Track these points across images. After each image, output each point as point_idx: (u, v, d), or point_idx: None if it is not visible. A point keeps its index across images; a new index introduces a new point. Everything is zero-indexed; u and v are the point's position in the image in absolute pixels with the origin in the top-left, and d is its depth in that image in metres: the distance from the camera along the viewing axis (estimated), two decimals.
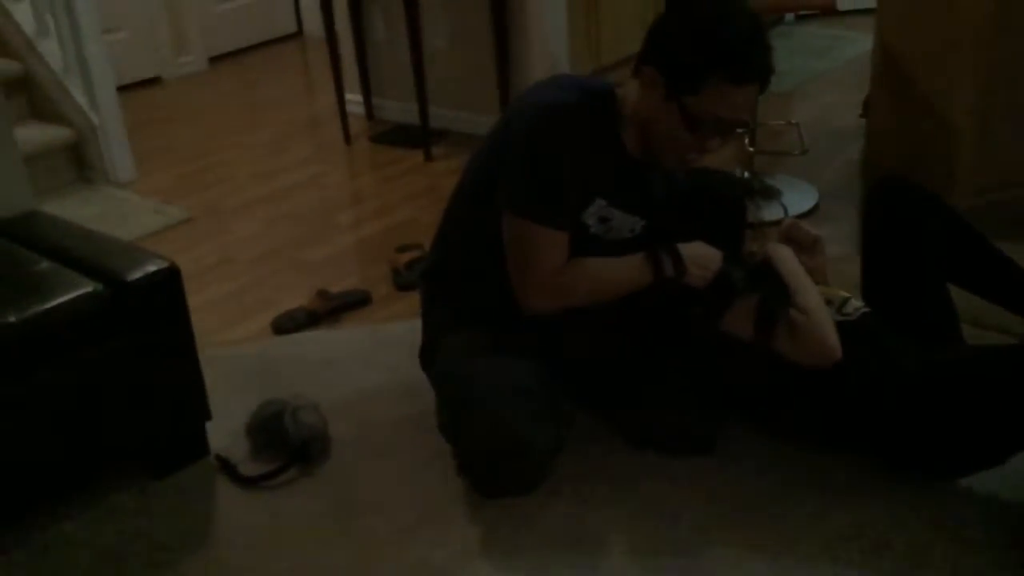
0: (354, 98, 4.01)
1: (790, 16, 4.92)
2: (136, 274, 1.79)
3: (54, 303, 1.70)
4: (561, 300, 1.75)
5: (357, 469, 1.92)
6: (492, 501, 1.78)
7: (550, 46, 3.59)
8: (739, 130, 1.85)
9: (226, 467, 1.91)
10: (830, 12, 3.12)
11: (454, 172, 3.37)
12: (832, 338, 1.70)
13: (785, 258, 1.81)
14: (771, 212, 2.97)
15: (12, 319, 1.64)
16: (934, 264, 1.91)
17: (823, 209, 2.96)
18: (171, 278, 1.83)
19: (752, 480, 1.80)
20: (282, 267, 2.87)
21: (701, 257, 1.76)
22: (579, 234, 1.76)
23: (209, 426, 1.97)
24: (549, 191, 1.68)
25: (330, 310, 2.53)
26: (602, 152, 1.73)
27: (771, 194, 3.04)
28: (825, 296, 1.82)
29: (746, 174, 3.06)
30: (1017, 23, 2.44)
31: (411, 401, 2.05)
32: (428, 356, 1.99)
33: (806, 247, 1.90)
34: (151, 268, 1.81)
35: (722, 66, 1.62)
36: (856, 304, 1.84)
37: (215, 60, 5.17)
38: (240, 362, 2.32)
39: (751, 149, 3.05)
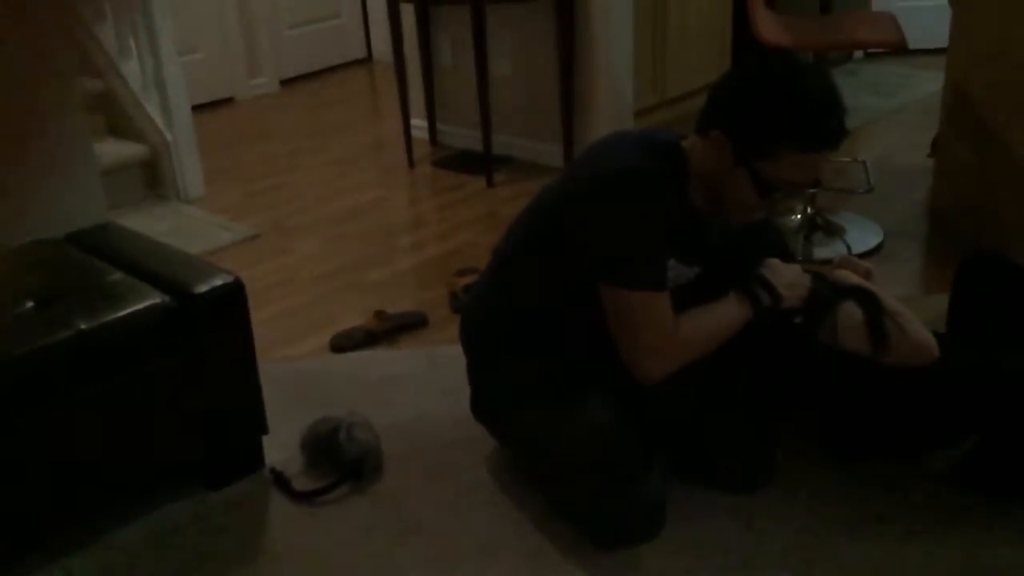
0: (419, 123, 4.07)
1: (859, 53, 4.88)
2: (202, 287, 1.83)
3: (124, 313, 1.76)
4: (679, 360, 1.72)
5: (408, 489, 1.93)
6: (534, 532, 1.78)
7: (615, 78, 3.61)
8: (806, 188, 1.88)
9: (280, 481, 1.94)
10: (901, 50, 3.09)
11: (515, 198, 3.41)
12: (928, 336, 1.73)
13: (851, 274, 1.84)
14: (834, 249, 2.94)
15: (83, 327, 1.70)
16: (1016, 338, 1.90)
17: (887, 248, 2.91)
18: (236, 292, 1.88)
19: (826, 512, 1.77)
20: (343, 286, 2.91)
21: (786, 277, 1.77)
22: None
23: (265, 440, 2.00)
24: (647, 256, 1.66)
25: (388, 331, 2.56)
26: (677, 210, 1.71)
27: (833, 231, 3.00)
28: None
29: (809, 210, 3.03)
30: None
31: (464, 425, 2.06)
32: (492, 407, 1.94)
33: (858, 275, 1.89)
34: (217, 282, 1.86)
35: (796, 136, 1.59)
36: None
37: (286, 83, 5.30)
38: (298, 378, 2.36)
39: (815, 190, 3.01)
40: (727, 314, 1.74)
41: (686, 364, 1.72)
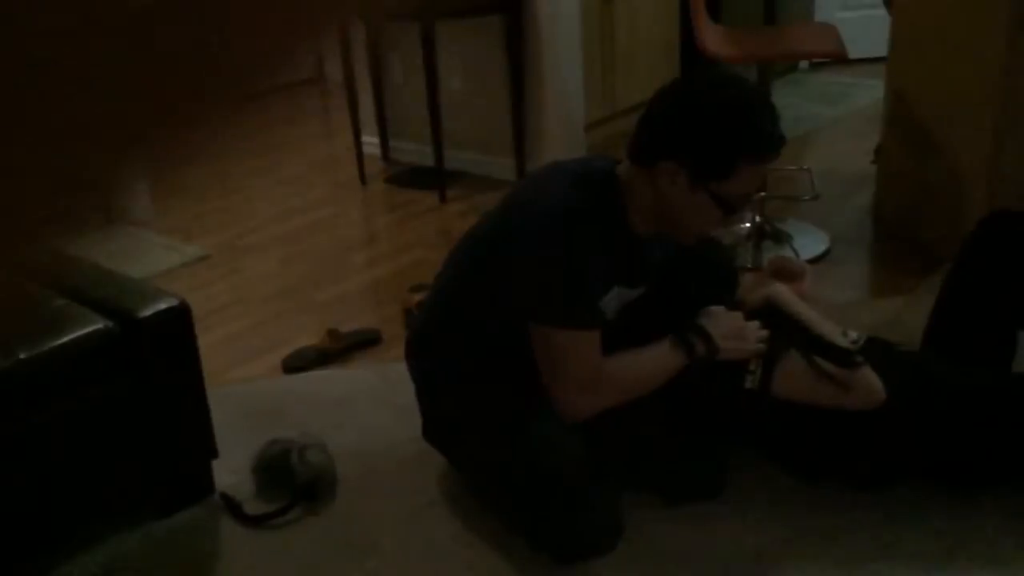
0: (371, 140, 4.06)
1: (804, 63, 4.96)
2: (146, 311, 1.81)
3: (65, 340, 1.72)
4: (605, 401, 1.72)
5: (362, 510, 1.92)
6: (479, 546, 1.77)
7: (565, 91, 3.63)
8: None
9: (231, 506, 1.91)
10: (842, 60, 3.15)
11: (468, 213, 3.41)
12: (876, 380, 1.72)
13: (788, 300, 1.82)
14: (786, 256, 2.98)
15: (23, 355, 1.66)
16: (1017, 308, 1.91)
17: (834, 253, 2.96)
18: (181, 316, 1.85)
19: (769, 529, 1.79)
20: (295, 306, 2.89)
21: (726, 328, 1.74)
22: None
23: (215, 464, 1.97)
24: (575, 297, 1.66)
25: (341, 349, 2.55)
26: (615, 242, 1.70)
27: (781, 238, 3.05)
28: (824, 329, 1.84)
29: (757, 218, 3.07)
30: None
31: (419, 443, 2.05)
32: (442, 431, 1.93)
33: (796, 278, 1.91)
34: (162, 306, 1.84)
35: (750, 148, 1.64)
36: (853, 333, 1.87)
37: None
38: (249, 400, 2.33)
39: (762, 194, 3.06)
40: (659, 360, 1.73)
41: (613, 405, 1.71)
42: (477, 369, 1.81)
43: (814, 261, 2.91)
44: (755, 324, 1.76)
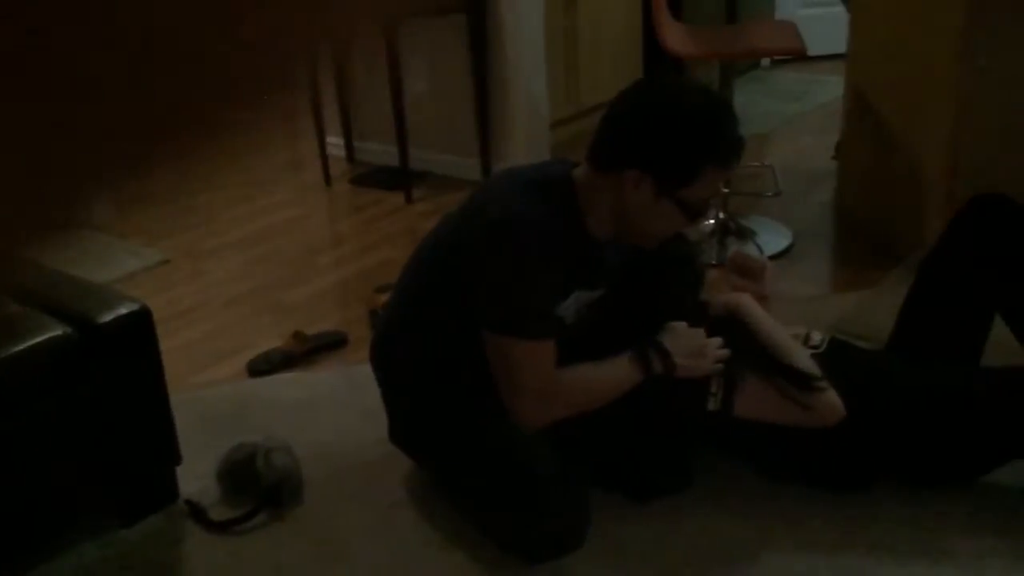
0: (335, 141, 4.04)
1: (766, 61, 5.01)
2: (106, 317, 1.78)
3: (22, 347, 1.69)
4: (558, 412, 1.72)
5: (329, 513, 1.90)
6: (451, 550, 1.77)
7: (529, 90, 3.63)
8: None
9: (196, 512, 1.89)
10: (802, 57, 3.18)
11: (434, 213, 3.40)
12: (836, 399, 1.72)
13: (750, 312, 1.81)
14: (746, 252, 3.00)
15: None
16: (996, 289, 1.92)
17: (797, 249, 2.98)
18: (142, 320, 1.82)
19: (729, 524, 1.80)
20: (259, 309, 2.86)
21: (686, 346, 1.74)
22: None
23: (179, 470, 1.95)
24: (532, 306, 1.65)
25: (306, 352, 2.53)
26: (572, 248, 1.69)
27: (745, 234, 3.07)
28: (792, 332, 1.85)
29: (721, 215, 3.09)
30: (982, 68, 2.49)
31: (385, 444, 2.04)
32: (408, 433, 1.93)
33: (756, 275, 1.93)
34: (122, 311, 1.81)
35: (715, 154, 1.65)
36: (816, 335, 1.88)
37: None
38: (213, 405, 2.30)
39: (726, 190, 3.08)
40: (614, 375, 1.72)
41: (567, 416, 1.71)
42: (440, 370, 1.80)
43: (777, 257, 2.94)
44: (716, 342, 1.75)
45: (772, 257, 2.94)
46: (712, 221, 3.09)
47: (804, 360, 1.78)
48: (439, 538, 1.80)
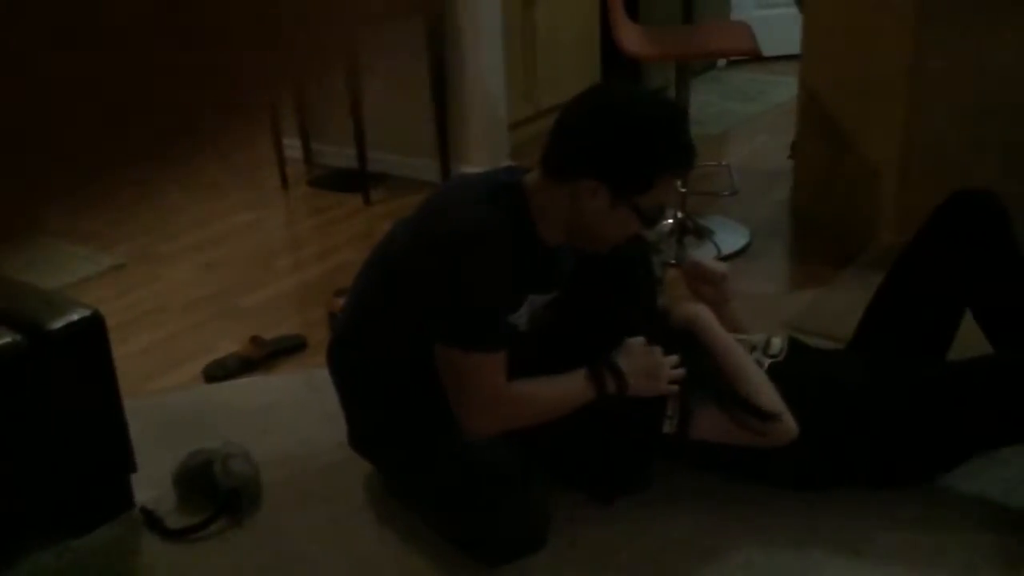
0: (292, 143, 4.00)
1: (722, 61, 5.06)
2: (57, 323, 1.75)
3: None
4: (505, 425, 1.71)
5: (288, 519, 1.88)
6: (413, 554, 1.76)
7: (487, 92, 3.63)
8: None
9: (152, 520, 1.86)
10: (757, 57, 3.21)
11: (393, 215, 3.37)
12: (791, 422, 1.72)
13: (707, 328, 1.80)
14: (704, 252, 3.03)
15: None
16: (968, 286, 1.92)
17: (754, 247, 3.02)
18: (94, 326, 1.79)
19: (689, 521, 1.81)
20: (216, 314, 2.83)
21: (641, 364, 1.73)
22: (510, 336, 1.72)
23: (135, 478, 1.92)
24: (481, 318, 1.64)
25: (264, 356, 2.50)
26: (523, 256, 1.68)
27: (703, 233, 3.10)
28: (749, 343, 1.86)
29: (679, 215, 3.11)
30: (933, 68, 2.54)
31: (345, 449, 2.02)
32: (367, 438, 1.91)
33: (715, 282, 1.94)
34: (73, 317, 1.78)
35: (673, 164, 1.68)
36: (776, 341, 1.88)
37: None
38: (169, 411, 2.27)
39: (683, 190, 3.10)
40: (566, 392, 1.71)
41: (518, 427, 1.71)
42: (397, 374, 1.79)
43: (735, 255, 2.97)
44: (672, 361, 1.75)
45: (730, 256, 2.97)
46: (670, 221, 3.11)
47: (759, 385, 1.75)
48: (399, 543, 1.79)
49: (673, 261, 2.95)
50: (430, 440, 1.75)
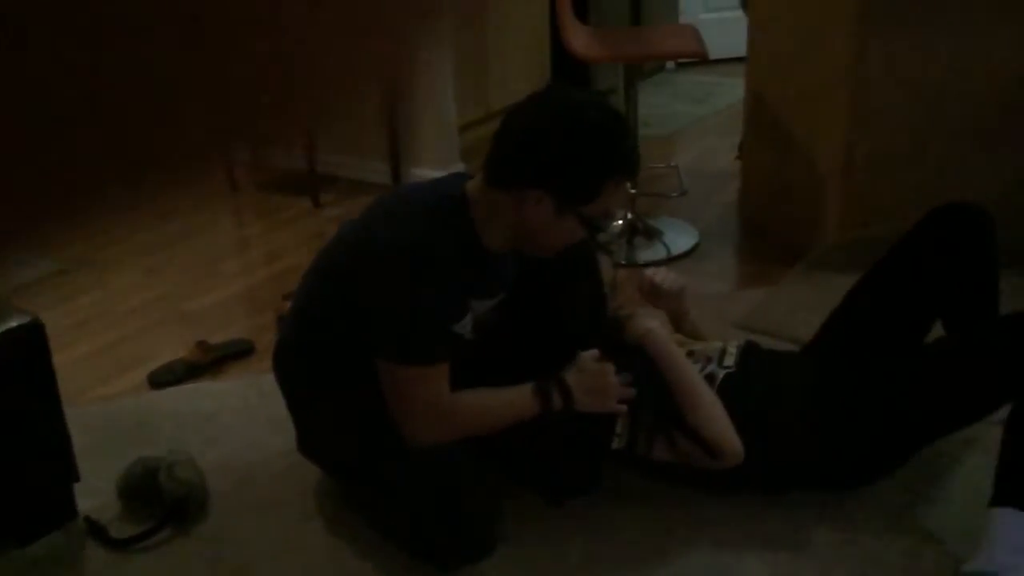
0: (239, 145, 3.94)
1: (671, 64, 5.11)
2: None
3: None
4: (446, 436, 1.70)
5: (236, 527, 1.86)
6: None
7: (436, 93, 3.62)
8: None
9: (96, 530, 1.82)
10: (704, 60, 3.25)
11: (343, 218, 3.35)
12: (738, 446, 1.71)
13: (659, 349, 1.79)
14: (654, 252, 3.05)
15: None
16: (946, 299, 1.89)
17: (702, 248, 3.05)
18: (33, 333, 1.75)
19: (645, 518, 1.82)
20: (162, 319, 2.78)
21: (590, 382, 1.73)
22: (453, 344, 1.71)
23: (78, 487, 1.88)
24: (421, 332, 1.63)
25: (211, 361, 2.46)
26: (465, 266, 1.67)
27: (652, 234, 3.12)
28: (705, 354, 1.86)
29: (629, 216, 3.13)
30: (875, 71, 2.58)
31: (294, 455, 2.00)
32: (316, 443, 1.90)
33: (672, 296, 1.95)
34: (11, 323, 1.73)
35: (617, 172, 1.66)
36: (732, 351, 1.87)
37: None
38: (113, 419, 2.23)
39: (633, 191, 3.13)
40: (512, 405, 1.71)
41: (461, 438, 1.70)
42: (342, 380, 1.77)
43: (684, 256, 3.00)
44: (623, 379, 1.74)
45: (679, 257, 3.00)
46: (620, 222, 3.13)
47: (708, 411, 1.73)
48: (349, 549, 1.77)
49: (623, 262, 2.98)
50: (377, 445, 1.74)
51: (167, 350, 2.54)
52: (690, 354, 1.85)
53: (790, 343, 2.38)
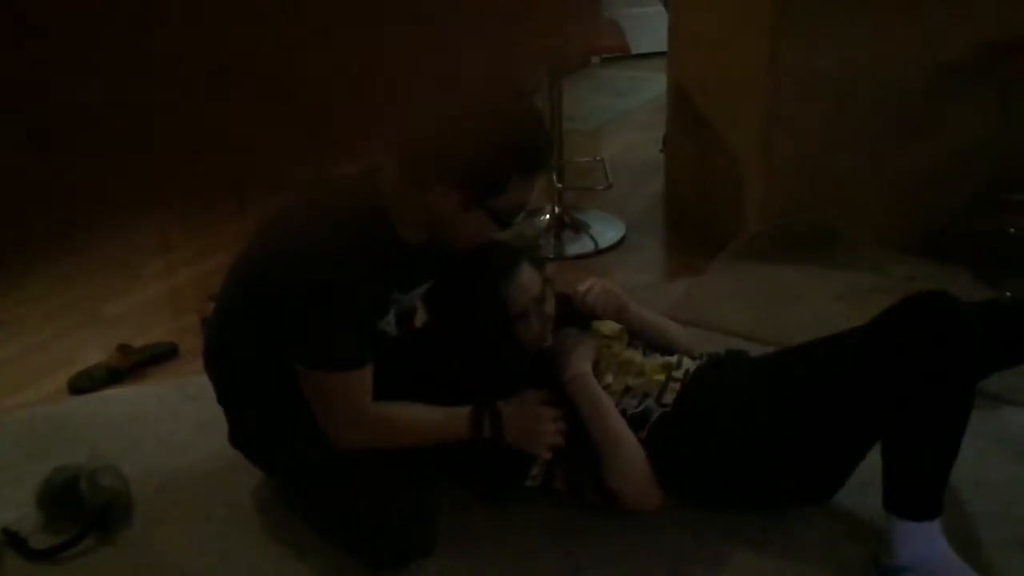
0: None
1: (595, 59, 5.15)
2: None
3: None
4: (371, 443, 1.69)
5: (163, 533, 1.82)
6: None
7: None
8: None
9: (15, 541, 1.76)
10: (627, 54, 3.29)
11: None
12: (649, 500, 1.71)
13: (578, 395, 1.74)
14: (581, 245, 3.08)
15: None
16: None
17: (629, 240, 3.08)
18: None
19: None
20: (80, 323, 2.70)
21: (525, 422, 1.72)
22: (377, 342, 1.69)
23: None
24: (337, 339, 1.61)
25: (132, 365, 2.40)
26: (382, 265, 1.65)
27: (580, 228, 3.15)
28: (643, 389, 1.78)
29: (556, 210, 3.15)
30: (792, 62, 2.64)
31: (222, 457, 1.97)
32: (248, 437, 1.87)
33: (618, 310, 1.91)
34: None
35: (524, 167, 1.61)
36: (673, 386, 1.78)
37: None
38: (30, 427, 2.16)
39: (559, 185, 3.15)
40: (441, 427, 1.71)
41: (384, 447, 1.70)
42: (269, 380, 1.74)
43: (611, 248, 3.03)
44: (554, 428, 1.72)
45: (606, 249, 3.03)
46: (547, 216, 3.15)
47: (622, 465, 1.70)
48: (282, 551, 1.75)
49: (551, 255, 3.00)
50: (306, 445, 1.72)
51: (86, 355, 2.46)
52: (627, 389, 1.78)
53: (717, 332, 2.44)
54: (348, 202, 1.64)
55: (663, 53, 3.34)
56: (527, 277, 1.77)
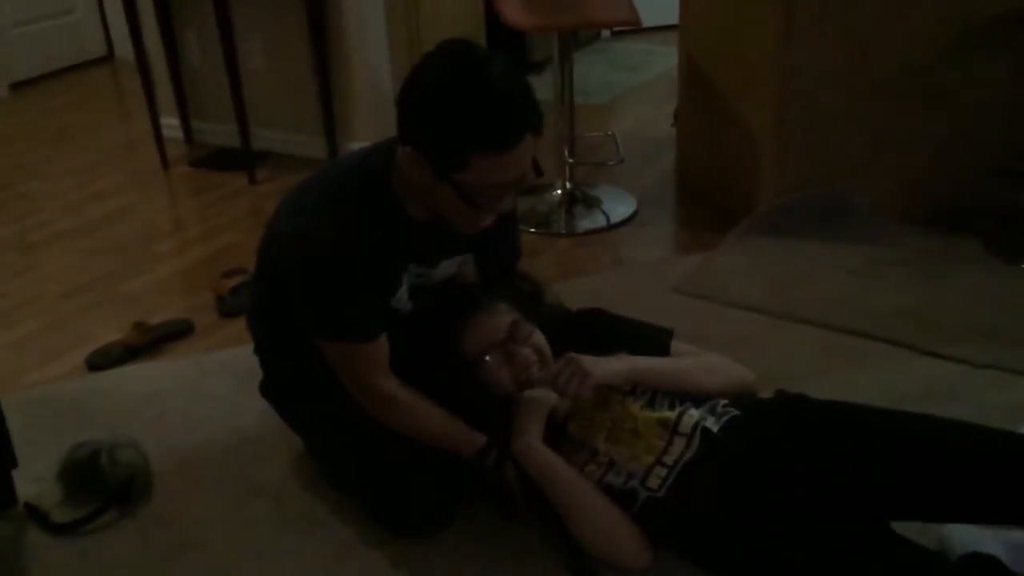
0: (170, 122, 3.87)
1: (606, 32, 5.12)
2: None
3: None
4: (381, 419, 1.71)
5: (182, 507, 1.84)
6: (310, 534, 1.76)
7: (371, 67, 3.58)
8: (525, 183, 1.57)
9: (36, 516, 1.79)
10: (637, 27, 3.26)
11: (280, 194, 3.31)
12: (633, 558, 1.57)
13: (533, 471, 1.63)
14: (593, 220, 3.08)
15: None
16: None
17: (641, 215, 3.08)
18: None
19: None
20: (97, 301, 2.72)
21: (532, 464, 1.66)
22: (391, 319, 1.70)
23: (15, 474, 1.84)
24: (354, 312, 1.63)
25: (149, 342, 2.43)
26: (390, 241, 1.64)
27: (592, 203, 3.14)
28: (627, 468, 1.59)
29: (568, 185, 3.15)
30: (805, 38, 2.62)
31: (238, 432, 2.00)
32: (282, 391, 1.92)
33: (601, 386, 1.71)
34: None
35: (484, 143, 1.46)
36: (659, 471, 1.57)
37: (18, 86, 4.88)
38: (51, 403, 2.18)
39: (571, 160, 3.14)
40: (450, 440, 1.71)
41: (390, 425, 1.71)
42: (305, 346, 1.74)
43: (623, 223, 3.03)
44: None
45: (618, 224, 3.03)
46: (559, 191, 3.15)
47: (595, 531, 1.58)
48: (295, 523, 1.77)
49: (563, 231, 3.00)
50: (340, 402, 1.74)
51: (103, 333, 2.49)
52: (611, 464, 1.62)
53: (727, 306, 2.45)
54: (359, 179, 1.65)
55: (675, 26, 3.32)
56: (484, 324, 1.72)
